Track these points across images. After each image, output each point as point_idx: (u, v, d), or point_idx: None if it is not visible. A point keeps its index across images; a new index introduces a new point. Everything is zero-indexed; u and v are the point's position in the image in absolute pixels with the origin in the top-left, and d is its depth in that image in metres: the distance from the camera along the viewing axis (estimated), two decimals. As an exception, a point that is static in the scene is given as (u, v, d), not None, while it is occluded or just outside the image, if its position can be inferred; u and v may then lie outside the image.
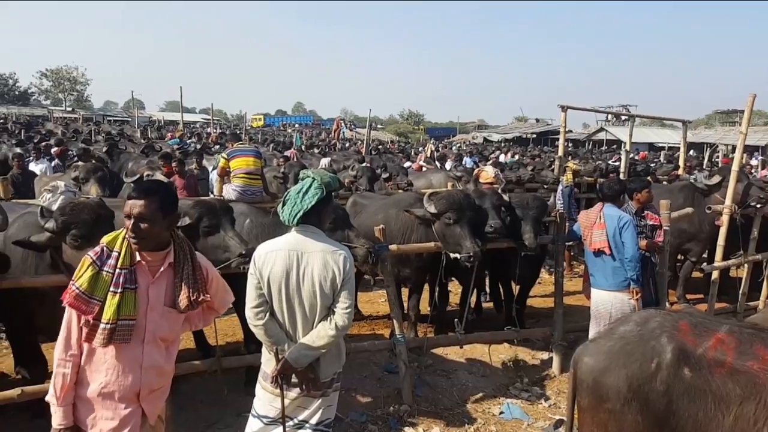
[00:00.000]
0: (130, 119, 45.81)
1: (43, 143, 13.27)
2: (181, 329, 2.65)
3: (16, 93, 61.89)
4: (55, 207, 5.69)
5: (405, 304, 6.00)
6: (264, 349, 2.95)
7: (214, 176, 8.77)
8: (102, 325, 2.35)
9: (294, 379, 2.84)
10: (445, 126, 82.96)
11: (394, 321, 4.88)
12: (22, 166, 8.84)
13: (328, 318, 2.80)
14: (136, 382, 2.44)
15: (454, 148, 34.83)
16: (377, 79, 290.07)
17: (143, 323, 2.44)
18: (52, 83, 67.42)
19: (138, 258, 2.45)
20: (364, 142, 21.18)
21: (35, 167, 9.96)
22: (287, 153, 14.41)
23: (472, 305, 6.66)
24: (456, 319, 5.15)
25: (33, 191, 7.29)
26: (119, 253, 2.41)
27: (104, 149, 11.27)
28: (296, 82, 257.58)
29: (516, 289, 6.08)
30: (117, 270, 2.39)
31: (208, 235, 4.03)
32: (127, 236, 2.41)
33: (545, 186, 10.04)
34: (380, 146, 28.57)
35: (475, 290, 7.01)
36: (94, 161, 8.22)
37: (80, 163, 7.92)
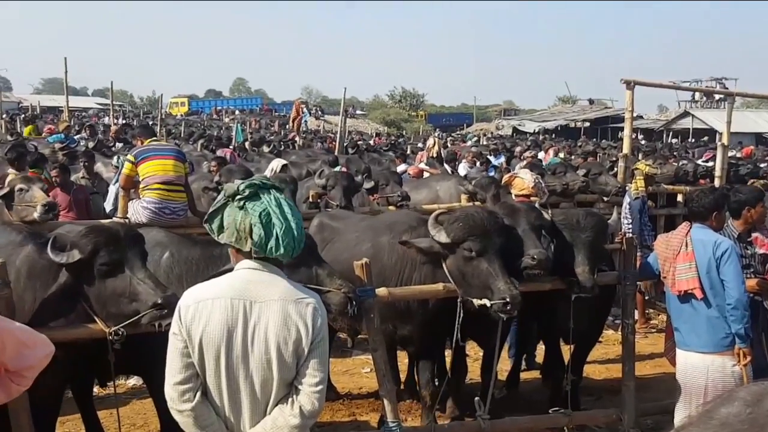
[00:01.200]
0: (-12, 105, 45.58)
1: None
2: None
3: None
4: None
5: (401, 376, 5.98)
6: (192, 447, 2.93)
7: (114, 189, 8.73)
8: None
9: (237, 492, 2.83)
10: (457, 111, 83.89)
11: (385, 401, 4.85)
12: None
13: (289, 399, 2.80)
14: None
15: (469, 142, 35.20)
16: (355, 46, 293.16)
17: None
18: None
19: None
20: (338, 135, 21.29)
21: None
22: (221, 153, 14.41)
23: (500, 376, 6.66)
24: (477, 398, 5.13)
25: None
26: None
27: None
28: (236, 50, 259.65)
29: (567, 351, 6.10)
30: None
31: (107, 276, 3.99)
32: None
33: (605, 198, 10.13)
34: (361, 141, 28.74)
35: (509, 351, 7.00)
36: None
37: None
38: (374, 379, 5.28)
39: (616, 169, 11.13)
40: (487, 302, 4.79)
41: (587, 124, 55.86)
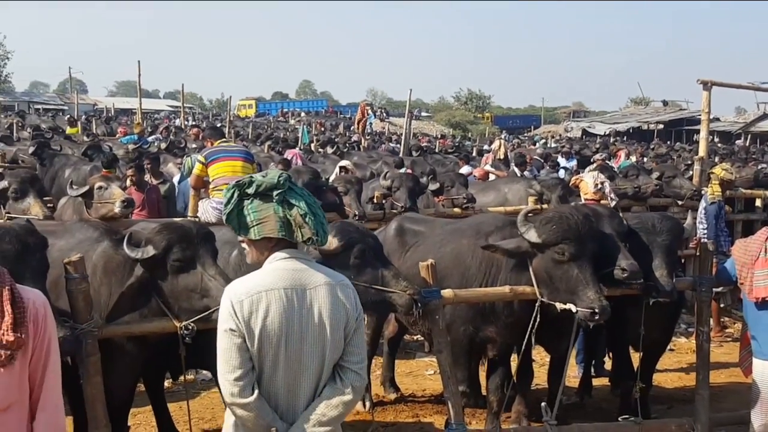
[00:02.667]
0: (66, 107, 47.63)
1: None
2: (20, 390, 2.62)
3: None
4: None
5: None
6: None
7: (183, 188, 8.98)
8: None
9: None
10: (524, 113, 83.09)
11: (450, 403, 4.87)
12: None
13: (336, 379, 2.90)
14: None
15: (538, 144, 34.84)
16: (421, 48, 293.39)
17: None
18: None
19: None
20: (402, 137, 21.37)
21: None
22: (288, 154, 14.62)
23: (567, 381, 6.59)
24: (543, 403, 5.09)
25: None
26: None
27: (31, 150, 11.66)
28: (302, 53, 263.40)
29: (636, 358, 6.00)
30: None
31: (179, 272, 4.14)
32: None
33: (679, 202, 9.91)
34: (426, 143, 28.75)
35: (576, 357, 6.92)
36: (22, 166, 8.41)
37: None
38: (438, 381, 5.29)
39: (691, 172, 10.89)
40: (572, 308, 4.74)
41: (661, 126, 54.51)
